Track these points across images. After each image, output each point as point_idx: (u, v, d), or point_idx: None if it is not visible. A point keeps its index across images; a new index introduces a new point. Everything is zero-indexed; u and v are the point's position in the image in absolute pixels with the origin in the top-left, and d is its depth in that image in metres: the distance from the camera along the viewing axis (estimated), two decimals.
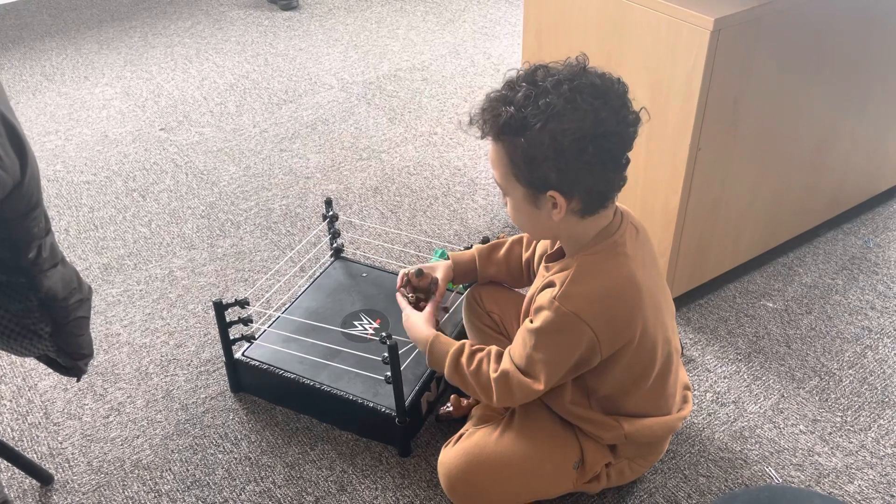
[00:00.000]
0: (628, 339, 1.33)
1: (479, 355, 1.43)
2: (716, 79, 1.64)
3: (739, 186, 1.89)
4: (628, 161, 1.28)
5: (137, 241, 2.33)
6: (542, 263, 1.45)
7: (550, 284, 1.34)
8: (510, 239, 1.65)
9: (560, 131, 1.20)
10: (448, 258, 1.65)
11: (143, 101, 3.06)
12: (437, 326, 1.54)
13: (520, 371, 1.37)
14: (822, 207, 2.20)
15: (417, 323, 1.52)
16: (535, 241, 1.61)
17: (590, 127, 1.20)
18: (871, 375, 1.84)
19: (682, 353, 1.71)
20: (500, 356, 1.42)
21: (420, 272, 1.57)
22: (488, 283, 1.72)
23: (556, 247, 1.46)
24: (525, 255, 1.63)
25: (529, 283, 1.66)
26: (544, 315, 1.32)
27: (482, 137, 1.30)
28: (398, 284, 1.60)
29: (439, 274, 1.60)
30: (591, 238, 1.34)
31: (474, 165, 2.62)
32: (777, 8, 1.65)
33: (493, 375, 1.40)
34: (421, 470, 1.65)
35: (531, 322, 1.36)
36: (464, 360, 1.43)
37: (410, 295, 1.58)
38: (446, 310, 1.61)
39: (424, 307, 1.55)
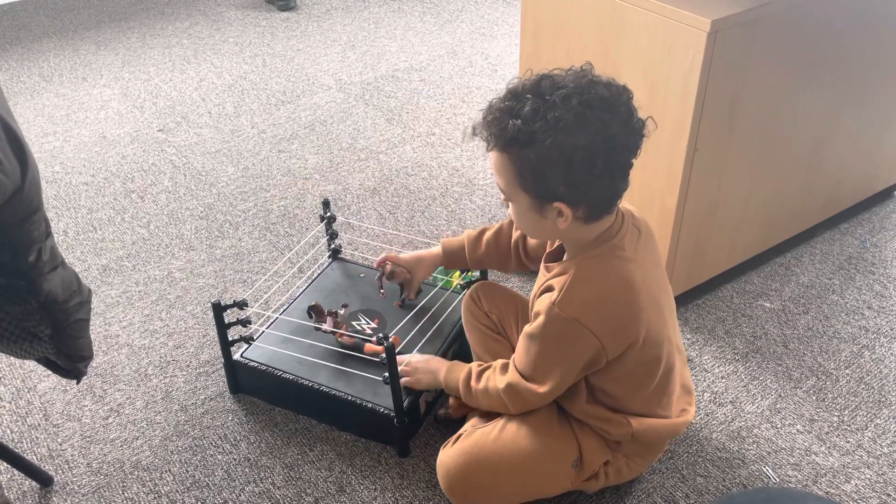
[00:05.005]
0: (632, 339, 1.34)
1: (486, 374, 1.46)
2: (712, 80, 1.64)
3: (736, 187, 1.90)
4: (631, 166, 1.28)
5: (136, 242, 2.33)
6: (543, 263, 1.45)
7: (549, 289, 1.35)
8: (502, 221, 1.67)
9: (570, 147, 1.19)
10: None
11: (141, 102, 3.06)
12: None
13: (525, 378, 1.38)
14: (819, 207, 2.21)
15: (425, 365, 1.61)
16: None
17: (600, 142, 1.20)
18: (868, 375, 1.85)
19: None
20: (504, 368, 1.44)
21: (391, 274, 1.78)
22: (487, 284, 1.73)
23: (555, 245, 1.47)
24: (514, 237, 1.63)
25: (518, 267, 1.68)
26: (543, 321, 1.32)
27: (488, 150, 1.28)
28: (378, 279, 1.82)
29: (420, 269, 1.75)
30: (592, 241, 1.34)
31: (472, 166, 2.63)
32: (773, 9, 1.66)
33: (500, 388, 1.41)
34: (420, 470, 1.65)
35: (530, 327, 1.36)
36: (473, 383, 1.47)
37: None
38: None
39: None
